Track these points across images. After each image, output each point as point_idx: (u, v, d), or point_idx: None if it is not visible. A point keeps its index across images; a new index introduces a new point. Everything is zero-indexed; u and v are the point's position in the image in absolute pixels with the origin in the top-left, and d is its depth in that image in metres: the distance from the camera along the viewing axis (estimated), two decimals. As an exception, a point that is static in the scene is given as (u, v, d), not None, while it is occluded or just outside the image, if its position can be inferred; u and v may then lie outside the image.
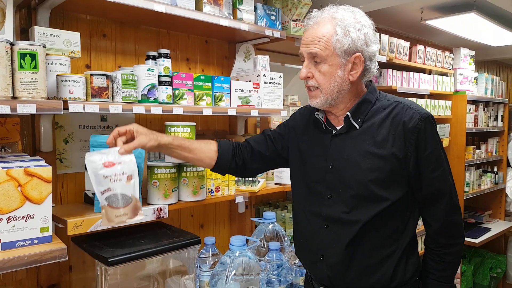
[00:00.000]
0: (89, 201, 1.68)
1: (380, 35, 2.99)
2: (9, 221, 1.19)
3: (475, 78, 3.94)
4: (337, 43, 1.23)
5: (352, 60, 1.26)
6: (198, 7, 1.85)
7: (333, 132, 1.35)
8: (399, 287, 1.29)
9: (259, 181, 2.10)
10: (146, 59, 1.73)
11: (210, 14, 1.85)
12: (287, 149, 1.51)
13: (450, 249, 1.31)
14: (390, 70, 3.14)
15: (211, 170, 1.54)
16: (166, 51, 1.72)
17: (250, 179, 2.10)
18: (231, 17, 1.97)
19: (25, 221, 1.22)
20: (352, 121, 1.30)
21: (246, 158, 1.53)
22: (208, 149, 1.49)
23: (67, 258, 1.25)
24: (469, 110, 3.69)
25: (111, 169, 1.35)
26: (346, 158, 1.29)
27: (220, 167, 1.52)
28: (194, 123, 1.71)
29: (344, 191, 1.28)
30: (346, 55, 1.25)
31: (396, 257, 1.28)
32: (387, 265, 1.27)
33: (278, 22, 2.17)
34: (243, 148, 1.54)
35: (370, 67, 1.30)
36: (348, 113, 1.30)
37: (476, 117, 3.83)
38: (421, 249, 2.62)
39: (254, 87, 2.02)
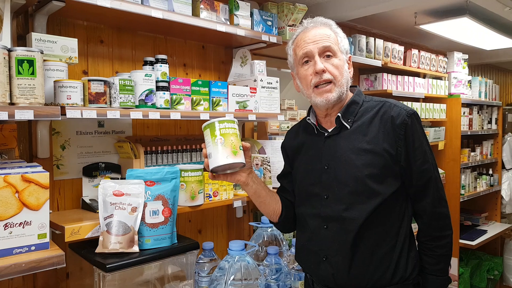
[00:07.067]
0: (87, 207, 1.67)
1: (375, 39, 3.02)
2: (6, 228, 1.19)
3: (469, 82, 3.97)
4: (341, 41, 1.35)
5: (348, 59, 1.38)
6: (195, 13, 1.86)
7: (326, 134, 1.39)
8: (401, 282, 1.32)
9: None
10: (144, 65, 1.73)
11: (207, 20, 1.86)
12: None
13: (440, 241, 1.35)
14: (385, 74, 3.17)
15: (275, 223, 1.55)
16: (163, 56, 1.73)
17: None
18: (228, 23, 1.98)
19: (22, 227, 1.21)
20: (343, 121, 1.35)
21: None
22: (279, 205, 1.52)
23: (64, 265, 1.24)
24: (464, 113, 3.72)
25: (118, 198, 1.45)
26: (340, 156, 1.33)
27: (286, 219, 1.52)
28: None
29: (340, 189, 1.32)
30: (345, 54, 1.36)
31: (397, 252, 1.31)
32: (388, 259, 1.30)
33: (274, 28, 2.18)
34: (289, 205, 1.54)
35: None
36: (339, 114, 1.35)
37: (470, 120, 3.87)
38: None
39: (251, 92, 2.03)
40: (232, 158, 1.23)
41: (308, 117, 1.45)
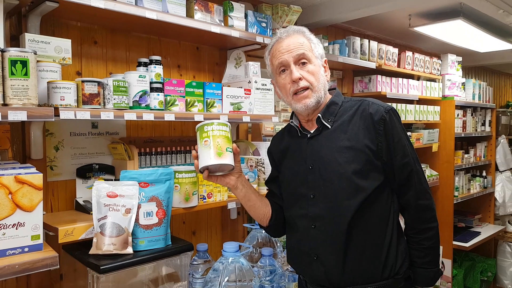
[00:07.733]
0: (80, 209, 1.67)
1: (369, 41, 3.04)
2: (-1, 229, 1.18)
3: (463, 84, 4.00)
4: (314, 47, 1.39)
5: (324, 63, 1.42)
6: (189, 14, 1.86)
7: (308, 135, 1.42)
8: (392, 277, 1.34)
9: (251, 187, 2.11)
10: (138, 66, 1.73)
11: (201, 21, 1.86)
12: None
13: (426, 234, 1.38)
14: (379, 76, 3.18)
15: (266, 227, 1.55)
16: (158, 57, 1.73)
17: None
18: (222, 24, 1.98)
19: (16, 229, 1.21)
20: (324, 121, 1.38)
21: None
22: (268, 209, 1.52)
23: (58, 266, 1.24)
24: (458, 115, 3.74)
25: (112, 199, 1.45)
26: (324, 156, 1.36)
27: (276, 223, 1.53)
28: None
29: (326, 187, 1.34)
30: (321, 58, 1.40)
31: (385, 247, 1.33)
32: (378, 254, 1.33)
33: (268, 29, 2.19)
34: (278, 208, 1.54)
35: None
36: (319, 114, 1.39)
37: (464, 122, 3.89)
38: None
39: (245, 93, 2.03)
40: (217, 160, 1.24)
41: (291, 120, 1.49)
